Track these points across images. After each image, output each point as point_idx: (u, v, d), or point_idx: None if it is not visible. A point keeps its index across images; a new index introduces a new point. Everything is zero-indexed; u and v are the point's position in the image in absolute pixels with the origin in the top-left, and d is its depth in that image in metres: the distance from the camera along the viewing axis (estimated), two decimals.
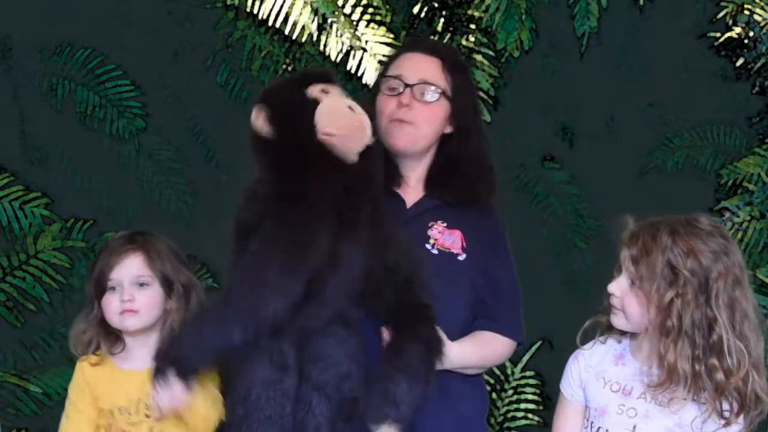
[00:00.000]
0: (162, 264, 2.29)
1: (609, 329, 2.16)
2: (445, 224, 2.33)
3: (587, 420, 2.16)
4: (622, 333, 2.14)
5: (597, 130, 5.07)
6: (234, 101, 4.37)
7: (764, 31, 3.95)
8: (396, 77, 2.33)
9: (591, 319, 2.19)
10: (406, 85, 2.31)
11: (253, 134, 2.02)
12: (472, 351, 2.30)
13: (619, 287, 2.07)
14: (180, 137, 4.57)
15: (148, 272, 2.27)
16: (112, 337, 2.30)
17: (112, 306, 2.26)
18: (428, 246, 2.30)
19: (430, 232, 2.32)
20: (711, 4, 4.37)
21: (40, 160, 4.40)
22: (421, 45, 2.43)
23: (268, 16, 3.79)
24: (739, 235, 3.53)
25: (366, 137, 2.00)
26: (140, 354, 2.28)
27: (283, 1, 3.76)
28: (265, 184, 2.01)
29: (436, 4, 4.44)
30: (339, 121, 1.96)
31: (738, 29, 4.43)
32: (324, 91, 2.03)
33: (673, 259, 2.00)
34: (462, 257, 2.32)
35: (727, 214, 3.57)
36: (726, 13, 4.11)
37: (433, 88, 2.31)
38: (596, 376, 2.14)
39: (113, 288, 2.26)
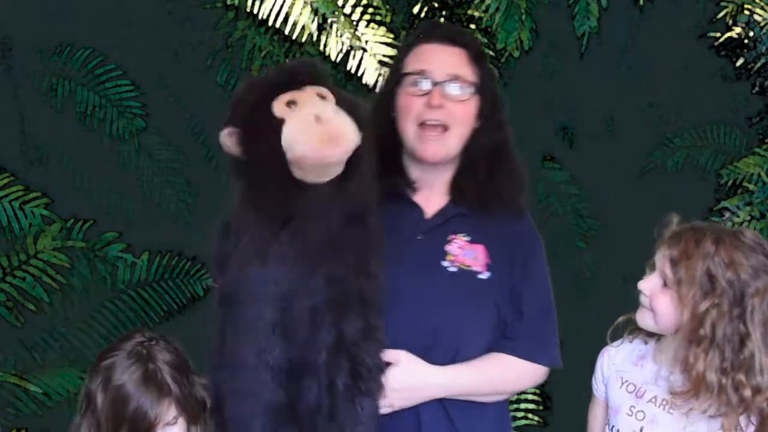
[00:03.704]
0: (185, 401, 2.11)
1: (639, 328, 2.12)
2: (467, 238, 2.08)
3: (608, 417, 2.15)
4: (650, 334, 2.12)
5: (597, 130, 5.07)
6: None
7: (764, 31, 3.95)
8: (420, 73, 2.07)
9: (624, 316, 2.16)
10: (435, 83, 2.05)
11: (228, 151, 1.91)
12: (470, 375, 2.04)
13: (649, 286, 2.04)
14: (180, 137, 4.57)
15: (176, 412, 2.11)
16: None
17: None
18: (445, 264, 2.04)
19: (448, 248, 2.06)
20: (711, 4, 4.37)
21: (40, 160, 4.40)
22: (440, 34, 2.14)
23: (268, 16, 3.79)
24: None
25: (346, 143, 1.80)
26: None
27: (283, 1, 3.76)
28: (240, 204, 1.92)
29: (436, 4, 4.45)
30: (307, 142, 1.78)
31: (738, 29, 4.44)
32: (290, 103, 1.84)
33: (713, 268, 1.97)
34: (484, 275, 2.06)
35: (727, 214, 3.56)
36: (726, 13, 4.11)
37: (464, 83, 2.06)
38: (616, 375, 2.14)
39: None
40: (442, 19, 4.43)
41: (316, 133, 1.77)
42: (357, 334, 1.87)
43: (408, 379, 1.98)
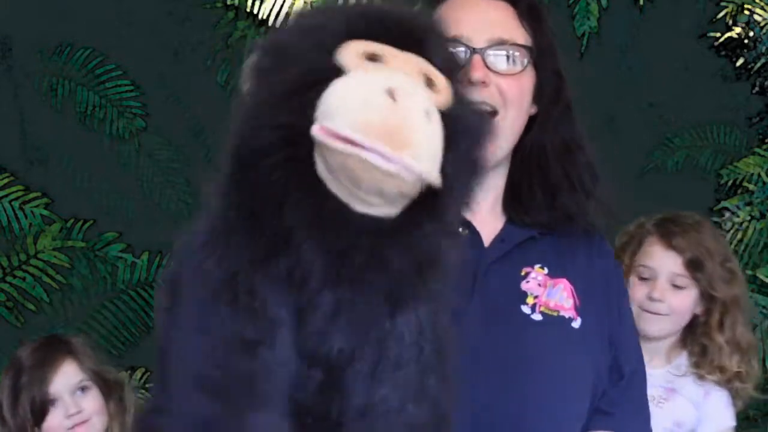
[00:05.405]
0: (92, 363, 2.03)
1: None
2: (546, 270, 1.47)
3: None
4: None
5: (597, 130, 5.06)
6: (234, 101, 4.37)
7: (764, 31, 3.95)
8: (452, 40, 1.34)
9: None
10: (473, 51, 1.42)
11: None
12: None
13: (663, 293, 2.14)
14: (180, 137, 4.57)
15: (84, 375, 2.00)
16: None
17: (55, 425, 1.96)
18: (525, 308, 1.44)
19: (525, 286, 1.45)
20: (711, 4, 4.37)
21: (40, 160, 4.39)
22: None
23: (268, 16, 3.78)
24: (739, 235, 3.53)
25: (412, 165, 0.94)
26: None
27: (283, 1, 3.76)
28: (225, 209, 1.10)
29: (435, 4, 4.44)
30: (360, 116, 0.94)
31: (738, 29, 4.43)
32: (373, 58, 1.00)
33: (728, 255, 2.21)
34: (577, 322, 1.45)
35: (727, 214, 3.56)
36: (726, 13, 4.11)
37: (514, 49, 1.46)
38: None
39: (53, 405, 1.97)
40: None
41: (376, 114, 0.94)
42: None
43: None
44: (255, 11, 3.81)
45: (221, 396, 1.00)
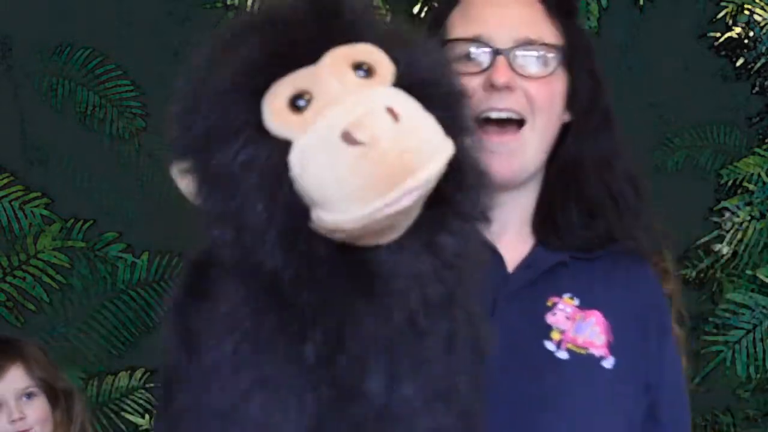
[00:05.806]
0: (41, 370, 2.01)
1: None
2: (576, 301, 1.29)
3: None
4: None
5: None
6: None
7: (764, 31, 3.95)
8: (474, 40, 1.29)
9: None
10: (497, 52, 1.28)
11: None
12: None
13: None
14: None
15: (32, 381, 2.01)
16: None
17: None
18: (549, 345, 1.26)
19: (551, 319, 1.28)
20: (711, 4, 4.37)
21: (40, 160, 4.39)
22: None
23: None
24: (739, 235, 3.53)
25: (422, 172, 0.81)
26: None
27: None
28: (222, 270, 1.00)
29: (436, 5, 4.44)
30: (339, 197, 0.82)
31: (738, 29, 4.43)
32: (298, 100, 0.87)
33: (663, 254, 2.18)
34: (609, 362, 1.27)
35: (727, 214, 3.56)
36: (726, 13, 4.11)
37: (543, 49, 1.31)
38: None
39: None
40: None
41: (352, 175, 0.81)
42: None
43: None
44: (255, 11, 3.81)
45: None
